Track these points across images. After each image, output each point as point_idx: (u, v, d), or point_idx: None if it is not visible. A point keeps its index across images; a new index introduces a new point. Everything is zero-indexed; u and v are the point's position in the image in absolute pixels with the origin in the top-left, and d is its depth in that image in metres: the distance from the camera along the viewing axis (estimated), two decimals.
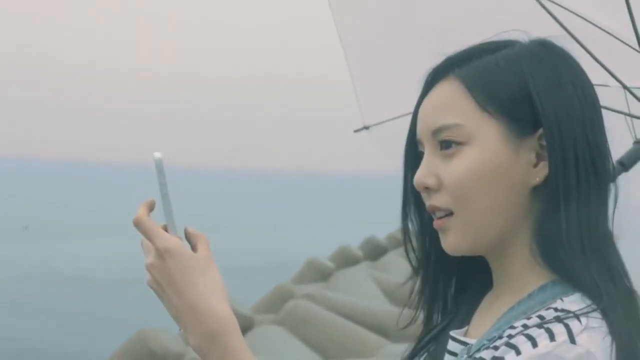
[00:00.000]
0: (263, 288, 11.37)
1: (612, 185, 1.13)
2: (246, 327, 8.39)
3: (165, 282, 1.17)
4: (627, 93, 2.04)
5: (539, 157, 1.10)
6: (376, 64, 2.35)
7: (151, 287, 1.19)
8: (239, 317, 8.82)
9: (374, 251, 16.27)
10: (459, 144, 1.11)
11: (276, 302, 9.69)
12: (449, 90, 1.13)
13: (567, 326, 1.02)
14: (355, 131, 2.45)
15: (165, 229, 1.21)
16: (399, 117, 2.24)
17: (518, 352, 1.01)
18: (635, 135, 1.97)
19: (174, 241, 1.18)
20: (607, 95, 1.26)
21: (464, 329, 1.20)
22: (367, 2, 2.33)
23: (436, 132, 1.12)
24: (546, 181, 1.10)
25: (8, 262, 22.17)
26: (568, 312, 1.04)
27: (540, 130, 1.10)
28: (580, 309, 1.04)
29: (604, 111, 1.17)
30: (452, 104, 1.12)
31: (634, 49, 2.01)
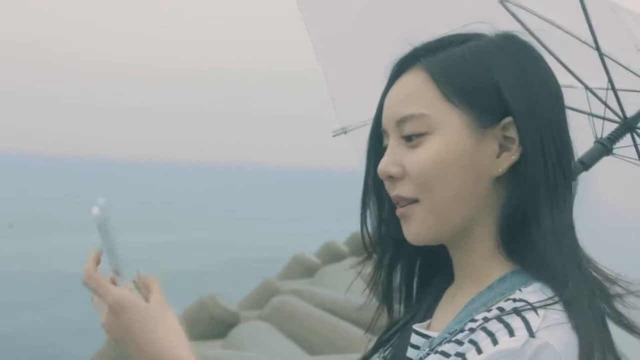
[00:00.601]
0: (249, 283, 11.37)
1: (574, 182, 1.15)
2: (232, 322, 8.38)
3: (123, 336, 1.18)
4: (588, 93, 2.07)
5: (501, 148, 1.12)
6: (350, 65, 2.35)
7: (112, 341, 1.19)
8: (225, 312, 8.84)
9: (360, 247, 16.19)
10: (422, 134, 1.12)
11: (262, 298, 9.69)
12: (415, 80, 1.14)
13: (524, 320, 1.02)
14: (334, 135, 2.44)
15: (114, 281, 1.20)
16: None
17: (479, 351, 1.02)
18: (596, 135, 1.99)
19: (125, 294, 1.18)
20: (569, 95, 1.27)
21: (427, 322, 1.21)
22: (336, 3, 2.32)
23: (401, 121, 1.13)
24: (510, 172, 1.11)
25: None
26: (526, 303, 1.04)
27: (505, 121, 1.11)
28: (540, 301, 1.04)
29: (566, 111, 1.18)
30: (418, 93, 1.13)
31: (592, 47, 2.03)
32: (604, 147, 1.98)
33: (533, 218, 1.09)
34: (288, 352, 7.27)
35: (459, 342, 1.06)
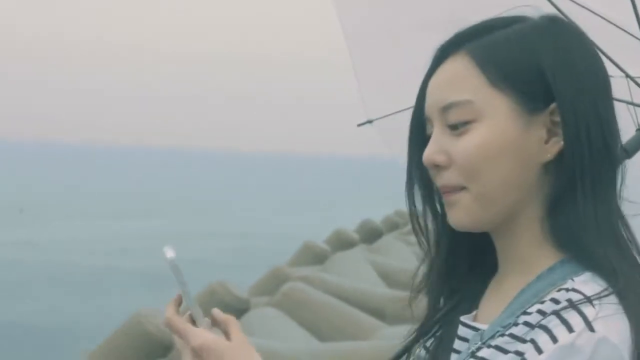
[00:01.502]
0: (259, 270, 11.39)
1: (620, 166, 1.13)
2: (242, 309, 8.41)
3: None
4: (630, 81, 2.04)
5: (550, 134, 1.10)
6: (380, 55, 2.33)
7: None
8: (236, 299, 8.87)
9: (370, 234, 16.28)
10: (469, 122, 1.10)
11: (272, 285, 9.71)
12: (459, 66, 1.12)
13: (581, 313, 1.01)
14: (359, 125, 2.43)
15: (192, 321, 1.21)
16: (403, 110, 2.23)
17: (539, 350, 1.01)
18: (638, 123, 1.97)
19: (207, 336, 1.19)
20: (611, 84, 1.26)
21: (473, 314, 1.18)
22: None
23: (445, 108, 1.11)
24: (557, 158, 1.09)
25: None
26: (581, 294, 1.03)
27: (552, 106, 1.09)
28: (596, 294, 1.03)
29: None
30: (462, 79, 1.11)
31: (635, 36, 2.00)
32: None
33: (577, 205, 1.08)
34: (298, 338, 7.29)
35: (515, 337, 1.04)
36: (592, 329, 1.00)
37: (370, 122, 2.40)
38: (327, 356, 6.41)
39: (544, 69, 1.09)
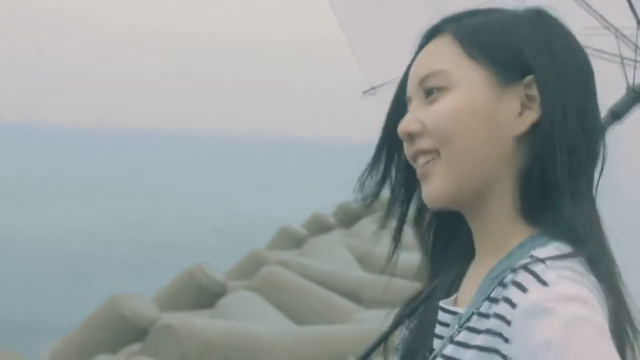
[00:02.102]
0: (237, 254, 11.39)
1: (600, 150, 1.13)
2: (220, 292, 8.41)
3: None
4: (619, 35, 1.94)
5: (523, 107, 1.11)
6: (375, 25, 2.31)
7: None
8: (213, 282, 8.86)
9: (347, 218, 16.32)
10: (442, 89, 1.11)
11: (250, 268, 9.72)
12: (439, 43, 1.15)
13: (531, 272, 1.01)
14: (364, 92, 2.39)
15: None
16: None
17: (504, 320, 1.01)
18: (628, 82, 1.88)
19: None
20: (599, 40, 1.25)
21: (453, 298, 1.19)
22: None
23: (422, 80, 1.14)
24: (530, 133, 1.10)
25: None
26: (536, 258, 1.03)
27: (528, 78, 1.11)
28: (551, 256, 1.03)
29: (597, 59, 1.17)
30: (440, 53, 1.14)
31: None
32: (637, 95, 1.86)
33: (551, 180, 1.09)
34: (276, 321, 7.31)
35: (481, 315, 1.05)
36: (544, 283, 1.00)
37: (374, 89, 2.37)
38: (304, 339, 6.44)
39: (522, 44, 1.12)
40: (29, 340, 9.18)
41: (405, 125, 1.14)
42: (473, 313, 1.08)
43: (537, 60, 1.11)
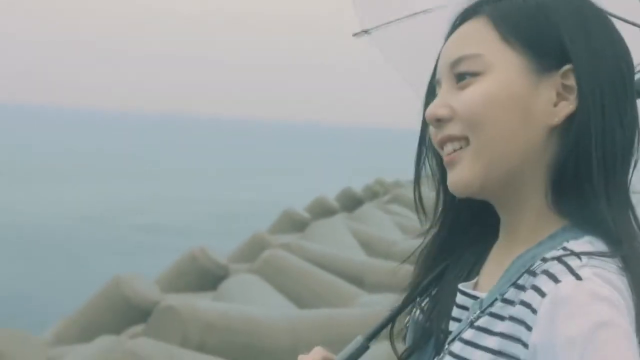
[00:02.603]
0: (240, 236, 11.41)
1: (637, 144, 1.10)
2: (222, 275, 8.43)
3: None
4: None
5: (559, 97, 1.07)
6: None
7: None
8: (216, 265, 8.90)
9: (350, 202, 16.33)
10: (475, 74, 1.08)
11: (252, 251, 9.73)
12: (474, 25, 1.11)
13: (566, 264, 0.99)
14: (354, 35, 2.35)
15: None
16: (401, 18, 2.15)
17: (532, 310, 0.98)
18: None
19: None
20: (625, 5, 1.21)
21: (473, 282, 1.16)
22: None
23: (454, 63, 1.10)
24: (565, 125, 1.07)
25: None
26: (571, 251, 1.01)
27: (565, 68, 1.07)
28: (587, 252, 1.00)
29: (622, 24, 1.12)
30: (474, 35, 1.10)
31: None
32: None
33: (585, 173, 1.05)
34: (278, 304, 7.32)
35: (507, 301, 1.03)
36: (578, 277, 0.97)
37: (366, 31, 2.32)
38: (306, 322, 6.45)
39: (561, 31, 1.08)
40: (25, 321, 9.21)
41: (433, 109, 1.10)
42: (496, 299, 1.05)
43: (576, 49, 1.07)
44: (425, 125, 1.17)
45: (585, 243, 1.03)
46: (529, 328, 0.99)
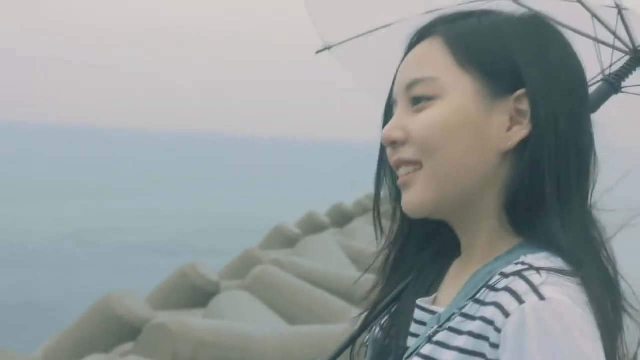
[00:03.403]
0: (231, 252, 11.38)
1: (592, 165, 1.10)
2: (213, 292, 8.40)
3: None
4: (594, 19, 1.85)
5: (513, 121, 1.08)
6: None
7: None
8: (206, 281, 8.86)
9: (341, 218, 16.32)
10: (430, 98, 1.08)
11: (243, 268, 9.71)
12: (430, 46, 1.12)
13: (527, 280, 0.99)
14: (317, 52, 2.34)
15: None
16: (363, 34, 2.15)
17: (491, 324, 0.99)
18: (603, 68, 1.74)
19: None
20: (573, 16, 1.21)
21: (432, 297, 1.17)
22: None
23: (410, 85, 1.11)
24: (518, 148, 1.08)
25: None
26: (530, 266, 1.01)
27: (518, 92, 1.08)
28: (547, 267, 1.01)
29: (572, 34, 1.13)
30: (429, 57, 1.11)
31: None
32: (611, 86, 1.72)
33: (540, 195, 1.06)
34: (269, 321, 7.30)
35: (466, 316, 1.04)
36: (539, 295, 0.97)
37: (328, 48, 2.32)
38: (297, 339, 6.43)
39: (515, 55, 1.08)
40: (20, 338, 9.15)
41: (389, 132, 1.11)
42: (454, 313, 1.06)
43: (530, 73, 1.08)
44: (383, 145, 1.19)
45: (543, 258, 1.04)
46: (493, 345, 0.99)
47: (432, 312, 1.13)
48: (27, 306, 13.13)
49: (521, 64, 1.08)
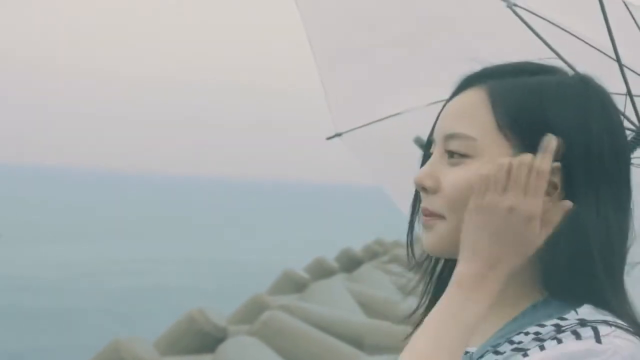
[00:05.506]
0: (239, 297, 11.33)
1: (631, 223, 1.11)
2: (221, 337, 8.34)
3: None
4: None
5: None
6: (348, 68, 2.32)
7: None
8: (214, 327, 8.78)
9: (350, 263, 16.27)
10: (466, 156, 1.09)
11: (251, 313, 9.66)
12: (473, 99, 1.12)
13: (594, 329, 1.01)
14: (328, 139, 2.39)
15: None
16: (371, 122, 2.20)
17: (542, 348, 1.01)
18: None
19: None
20: None
21: None
22: (337, 5, 2.30)
23: (449, 137, 1.11)
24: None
25: None
26: (593, 321, 1.02)
27: (554, 165, 1.07)
28: (614, 321, 1.03)
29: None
30: (472, 113, 1.11)
31: (610, 57, 1.93)
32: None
33: (585, 262, 1.06)
34: None
35: (499, 353, 1.05)
36: (599, 341, 0.99)
37: (339, 135, 2.36)
38: None
39: (558, 127, 1.07)
40: None
41: (421, 178, 1.13)
42: (487, 351, 1.08)
43: (570, 147, 1.07)
44: None
45: (594, 313, 1.05)
46: None
47: (465, 352, 1.12)
48: (33, 352, 13.06)
49: (565, 137, 1.07)
